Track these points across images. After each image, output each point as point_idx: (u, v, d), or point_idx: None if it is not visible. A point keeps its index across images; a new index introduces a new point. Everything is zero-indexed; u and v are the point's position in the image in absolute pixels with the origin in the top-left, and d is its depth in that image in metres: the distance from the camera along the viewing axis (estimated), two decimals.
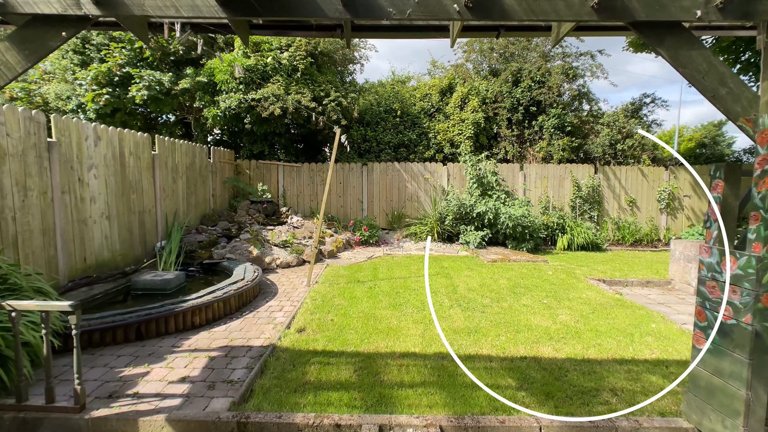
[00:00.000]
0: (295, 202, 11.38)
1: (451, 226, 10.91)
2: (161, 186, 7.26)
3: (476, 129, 12.61)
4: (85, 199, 5.43)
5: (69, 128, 5.17)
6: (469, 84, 13.33)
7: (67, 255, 5.10)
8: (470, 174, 11.12)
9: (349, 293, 6.21)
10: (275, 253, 8.33)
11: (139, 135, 6.66)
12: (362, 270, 7.89)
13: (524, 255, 9.45)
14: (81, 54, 10.13)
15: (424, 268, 8.08)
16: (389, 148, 12.18)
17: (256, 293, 6.03)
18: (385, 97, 12.55)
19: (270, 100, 9.22)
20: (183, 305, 4.62)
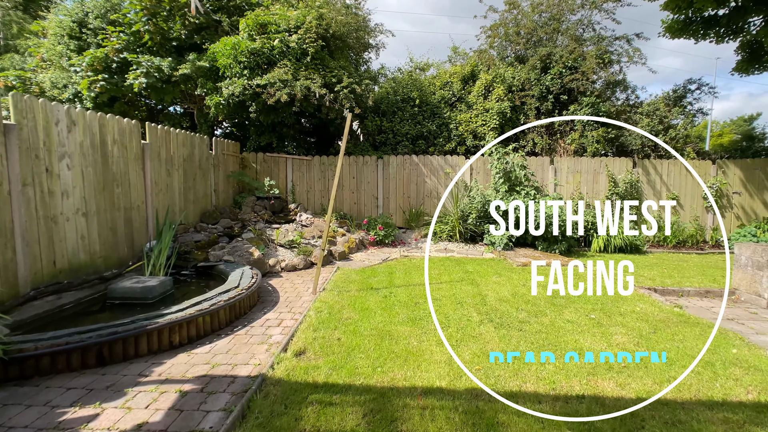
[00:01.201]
0: (305, 198, 10.57)
1: (475, 225, 9.95)
2: (153, 179, 6.51)
3: (501, 119, 11.59)
4: (54, 193, 4.68)
5: (33, 110, 4.42)
6: (494, 71, 12.29)
7: (31, 258, 4.37)
8: (496, 168, 10.12)
9: (361, 303, 5.34)
10: (280, 254, 7.52)
11: (126, 121, 5.92)
12: (376, 274, 7.02)
13: (557, 258, 8.44)
14: (77, 39, 9.50)
15: (448, 273, 7.15)
16: (407, 140, 11.27)
17: (253, 303, 5.21)
18: (403, 85, 11.62)
19: (276, 86, 8.41)
20: (159, 321, 3.82)
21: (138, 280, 5.01)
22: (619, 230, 9.42)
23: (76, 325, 4.14)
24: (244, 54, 8.55)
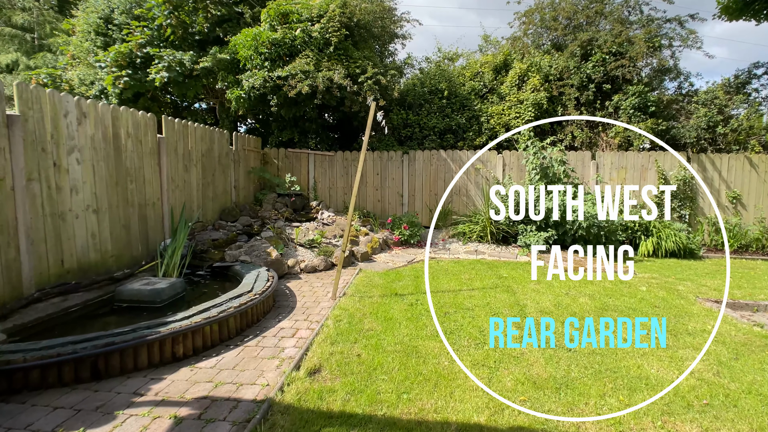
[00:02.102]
0: (327, 195, 10.18)
1: (508, 225, 9.28)
2: (169, 175, 6.24)
3: (537, 111, 10.82)
4: (63, 188, 4.43)
5: (40, 100, 4.16)
6: (528, 59, 11.52)
7: (36, 258, 4.12)
8: (532, 163, 9.40)
9: (384, 312, 4.86)
10: (300, 254, 7.14)
11: (140, 114, 5.65)
12: (401, 278, 6.52)
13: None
14: (104, 35, 9.44)
15: (480, 278, 6.57)
16: (434, 134, 10.68)
17: (267, 308, 4.82)
18: (430, 76, 11.03)
19: (298, 77, 8.02)
20: (161, 330, 3.46)
21: (148, 281, 4.71)
22: (671, 232, 8.54)
23: (79, 330, 3.86)
24: (265, 45, 8.22)
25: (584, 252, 8.54)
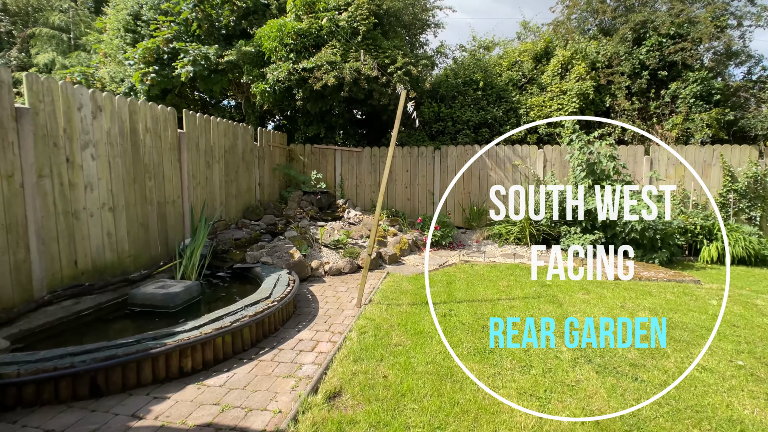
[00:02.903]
0: (354, 193, 9.79)
1: (549, 226, 8.56)
2: (190, 171, 6.01)
3: (582, 102, 9.99)
4: (76, 185, 4.22)
5: (51, 92, 3.94)
6: (573, 46, 10.67)
7: (48, 258, 3.91)
8: (577, 159, 8.62)
9: (414, 324, 4.39)
10: (324, 255, 6.77)
11: (160, 108, 5.42)
12: (433, 283, 6.02)
13: (659, 270, 6.88)
14: (133, 32, 9.43)
15: (520, 285, 5.97)
16: (468, 128, 10.06)
17: (287, 316, 4.46)
18: (465, 66, 10.40)
19: (324, 68, 7.64)
20: (167, 342, 3.14)
21: (163, 284, 4.44)
22: (740, 237, 7.58)
23: (87, 337, 3.62)
24: (291, 36, 7.89)
25: (639, 257, 7.74)
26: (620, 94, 10.20)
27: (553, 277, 6.48)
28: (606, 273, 6.63)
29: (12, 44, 14.39)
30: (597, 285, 6.09)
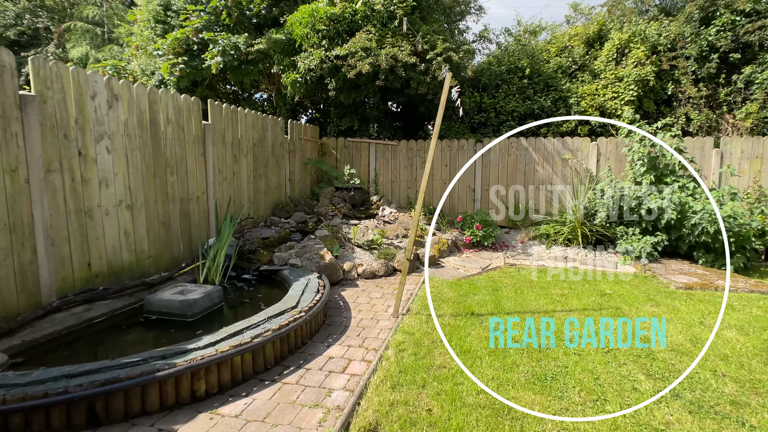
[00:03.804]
0: (389, 189, 9.22)
1: (603, 226, 7.69)
2: (215, 166, 5.63)
3: (641, 89, 9.00)
4: (90, 181, 3.88)
5: (61, 79, 3.60)
6: (630, 28, 9.63)
7: (57, 261, 3.59)
8: (637, 152, 7.70)
9: (459, 340, 3.79)
10: (357, 256, 6.26)
11: (183, 98, 5.04)
12: (476, 290, 5.38)
13: (735, 278, 5.94)
14: (163, 23, 9.25)
15: (577, 294, 5.23)
16: (512, 119, 9.27)
17: (315, 327, 3.97)
18: (509, 52, 9.59)
19: (358, 55, 7.10)
20: (177, 362, 2.70)
21: (182, 289, 4.06)
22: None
23: (95, 349, 3.25)
24: (323, 21, 7.39)
25: (709, 262, 6.79)
26: (685, 80, 9.11)
27: (614, 285, 5.70)
28: (672, 281, 5.78)
29: (50, 40, 14.82)
30: (666, 295, 5.27)
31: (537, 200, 8.86)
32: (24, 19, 14.73)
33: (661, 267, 6.79)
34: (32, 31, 14.84)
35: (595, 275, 6.26)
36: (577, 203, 7.92)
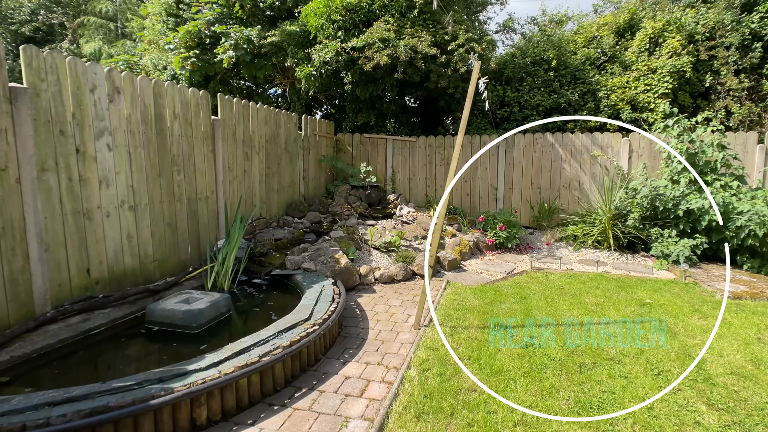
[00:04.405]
0: (407, 187, 8.84)
1: (636, 228, 7.17)
2: (225, 164, 5.33)
3: (676, 81, 8.41)
4: (89, 180, 3.60)
5: (57, 70, 3.32)
6: (664, 17, 9.02)
7: (53, 266, 3.32)
8: (677, 148, 7.15)
9: (488, 357, 3.41)
10: (374, 259, 5.91)
11: (191, 91, 4.75)
12: (503, 298, 4.98)
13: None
14: (175, 16, 9.02)
15: (613, 303, 4.78)
16: (537, 113, 8.79)
17: (330, 341, 3.63)
18: (534, 43, 9.09)
19: (375, 46, 6.72)
20: (175, 386, 2.39)
21: (188, 297, 3.76)
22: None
23: (89, 366, 2.97)
24: (339, 11, 7.03)
25: (755, 268, 6.25)
26: (726, 71, 8.47)
27: (652, 293, 5.23)
28: (716, 288, 5.28)
29: (64, 36, 14.82)
30: (712, 306, 4.79)
31: (563, 199, 8.37)
32: (39, 15, 14.80)
33: (702, 273, 6.27)
34: (47, 27, 14.92)
35: (631, 281, 5.78)
36: (607, 203, 7.41)
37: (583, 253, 7.32)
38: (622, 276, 6.09)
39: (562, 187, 8.34)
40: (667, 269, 6.47)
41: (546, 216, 8.31)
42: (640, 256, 7.11)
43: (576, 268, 6.56)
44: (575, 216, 8.04)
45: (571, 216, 8.11)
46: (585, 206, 8.18)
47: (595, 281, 5.79)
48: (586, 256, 7.17)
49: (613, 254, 7.19)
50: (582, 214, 7.99)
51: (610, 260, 6.95)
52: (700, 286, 5.56)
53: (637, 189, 7.45)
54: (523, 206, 8.52)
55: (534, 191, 8.44)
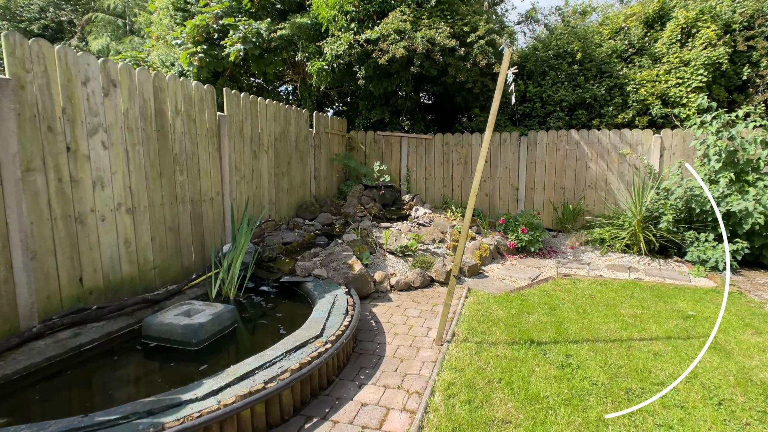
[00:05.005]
0: (422, 187, 8.45)
1: (669, 231, 6.68)
2: (232, 163, 5.02)
3: (711, 74, 7.87)
4: (81, 181, 3.30)
5: (44, 60, 3.01)
6: (697, 5, 8.46)
7: (40, 276, 3.02)
8: (714, 146, 6.64)
9: (521, 380, 3.02)
10: (389, 264, 5.54)
11: (194, 86, 4.43)
12: (530, 308, 4.57)
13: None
14: (183, 10, 8.76)
15: (653, 315, 4.34)
16: (560, 109, 8.32)
17: (344, 359, 3.27)
18: (557, 35, 8.61)
19: (391, 38, 6.34)
20: (167, 420, 2.05)
21: (188, 309, 3.43)
22: None
23: (76, 390, 2.66)
24: (352, 2, 6.68)
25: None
26: (765, 63, 7.89)
27: (694, 304, 4.77)
28: (765, 298, 4.80)
29: (73, 33, 14.76)
30: (764, 319, 4.32)
31: (589, 200, 7.90)
32: (48, 12, 14.75)
33: (745, 280, 5.78)
34: (56, 25, 14.87)
35: (667, 290, 5.32)
36: (637, 204, 6.93)
37: (611, 258, 6.86)
38: (657, 283, 5.62)
39: (588, 187, 7.86)
40: (706, 276, 5.98)
41: (570, 218, 7.85)
42: (673, 262, 6.62)
43: (605, 274, 6.11)
44: (602, 218, 7.57)
45: (597, 218, 7.64)
46: (612, 208, 7.69)
47: (629, 289, 5.34)
48: (615, 261, 6.70)
49: (643, 259, 6.72)
50: (609, 216, 7.52)
51: (642, 266, 6.49)
52: (745, 296, 5.08)
53: (670, 189, 6.96)
54: (545, 207, 8.06)
55: (557, 191, 7.97)
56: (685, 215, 6.85)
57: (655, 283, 5.66)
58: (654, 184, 7.25)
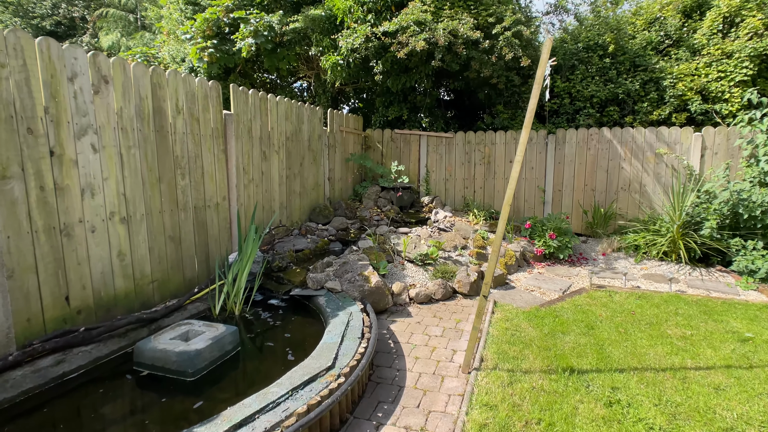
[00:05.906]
0: (442, 188, 7.98)
1: (712, 238, 6.10)
2: (239, 165, 4.65)
3: (759, 65, 7.22)
4: (68, 189, 2.96)
5: (22, 53, 2.67)
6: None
7: (19, 296, 2.69)
8: (763, 146, 6.04)
9: (564, 422, 2.60)
10: (408, 274, 5.12)
11: (197, 82, 4.07)
12: (564, 326, 4.11)
13: None
14: (193, 4, 8.44)
15: (704, 337, 3.83)
16: (590, 105, 7.75)
17: (359, 392, 2.88)
18: (587, 27, 8.03)
19: (410, 30, 5.89)
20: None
21: (186, 331, 3.08)
22: None
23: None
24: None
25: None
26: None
27: (748, 323, 4.26)
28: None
29: (85, 30, 14.67)
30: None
31: (621, 203, 7.34)
32: (60, 9, 14.69)
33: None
34: (68, 21, 14.80)
35: (715, 306, 4.79)
36: (676, 209, 6.35)
37: (647, 266, 6.32)
38: (703, 297, 5.09)
39: (621, 189, 7.30)
40: (756, 289, 5.42)
41: (601, 222, 7.30)
42: (716, 272, 6.05)
43: (643, 285, 5.59)
44: (636, 222, 7.01)
45: (631, 222, 7.08)
46: (647, 212, 7.13)
47: (672, 304, 4.83)
48: (652, 270, 6.16)
49: (683, 268, 6.16)
50: (644, 220, 6.96)
51: (682, 276, 5.94)
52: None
53: (713, 193, 6.38)
54: (574, 211, 7.53)
55: (587, 194, 7.43)
56: (730, 221, 6.27)
57: (700, 296, 5.13)
58: (694, 186, 6.66)
